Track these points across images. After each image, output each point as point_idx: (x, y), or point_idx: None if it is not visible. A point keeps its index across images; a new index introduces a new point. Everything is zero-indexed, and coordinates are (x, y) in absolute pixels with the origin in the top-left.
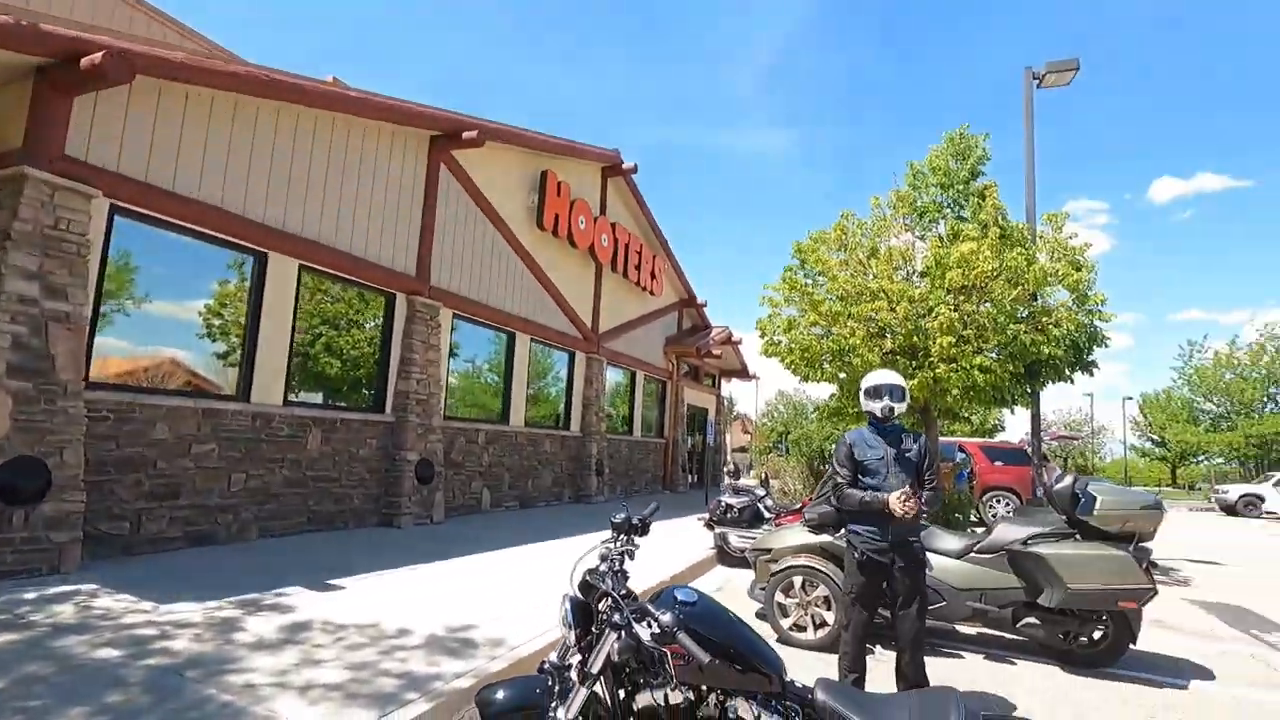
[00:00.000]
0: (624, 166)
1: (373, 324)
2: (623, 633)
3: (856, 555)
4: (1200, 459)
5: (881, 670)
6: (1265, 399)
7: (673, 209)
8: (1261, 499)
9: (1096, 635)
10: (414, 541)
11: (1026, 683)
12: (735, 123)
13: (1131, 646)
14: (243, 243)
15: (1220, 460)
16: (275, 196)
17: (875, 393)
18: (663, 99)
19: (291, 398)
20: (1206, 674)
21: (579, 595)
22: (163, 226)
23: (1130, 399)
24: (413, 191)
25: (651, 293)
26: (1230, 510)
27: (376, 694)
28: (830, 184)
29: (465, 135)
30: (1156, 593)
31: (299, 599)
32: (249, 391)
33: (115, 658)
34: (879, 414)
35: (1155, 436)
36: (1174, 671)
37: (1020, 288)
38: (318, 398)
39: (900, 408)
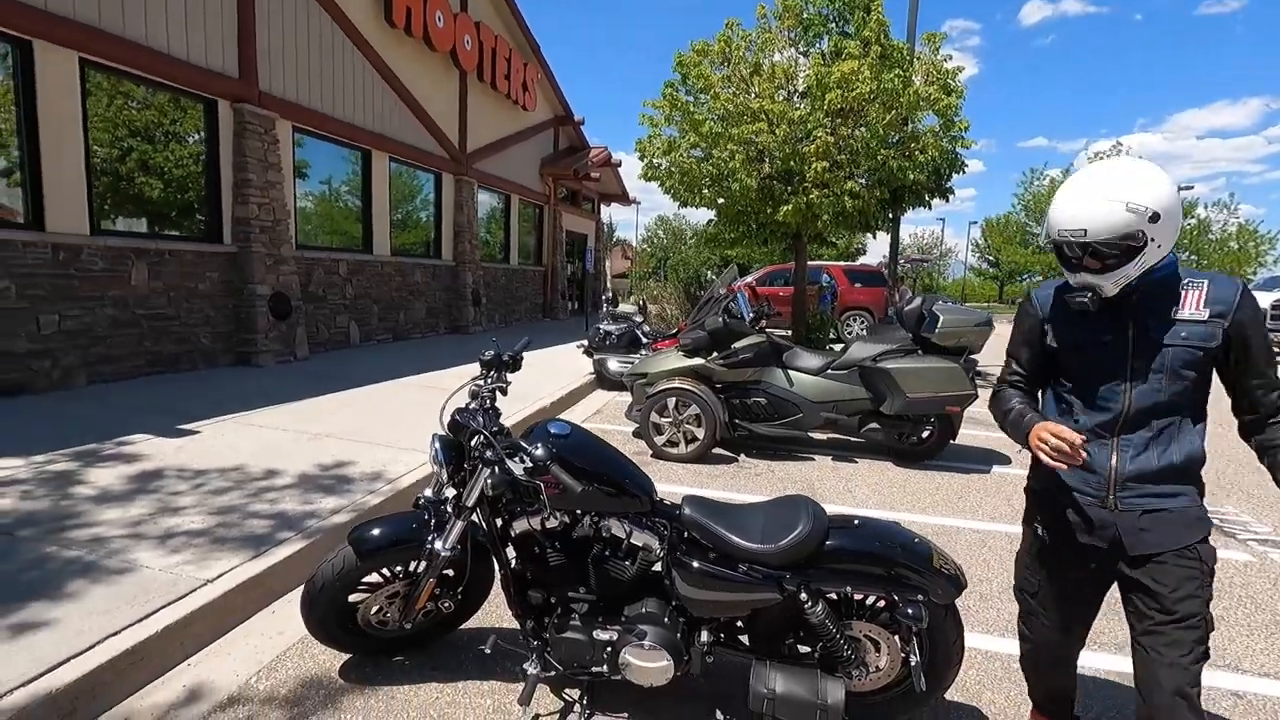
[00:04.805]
0: None
1: (196, 137)
2: (495, 468)
3: (1043, 536)
4: (1024, 277)
5: (744, 476)
6: None
7: (544, 11)
8: None
9: (925, 434)
10: (277, 380)
11: (865, 477)
12: None
13: (951, 442)
14: None
15: (1040, 278)
16: None
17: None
18: None
19: (107, 225)
20: (1004, 459)
21: (448, 434)
22: None
23: (975, 223)
24: None
25: (524, 107)
26: None
27: (247, 536)
28: None
29: None
30: (977, 397)
31: (147, 446)
32: (41, 219)
33: None
34: (1068, 254)
35: (991, 258)
36: (980, 459)
37: (894, 111)
38: (142, 225)
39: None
